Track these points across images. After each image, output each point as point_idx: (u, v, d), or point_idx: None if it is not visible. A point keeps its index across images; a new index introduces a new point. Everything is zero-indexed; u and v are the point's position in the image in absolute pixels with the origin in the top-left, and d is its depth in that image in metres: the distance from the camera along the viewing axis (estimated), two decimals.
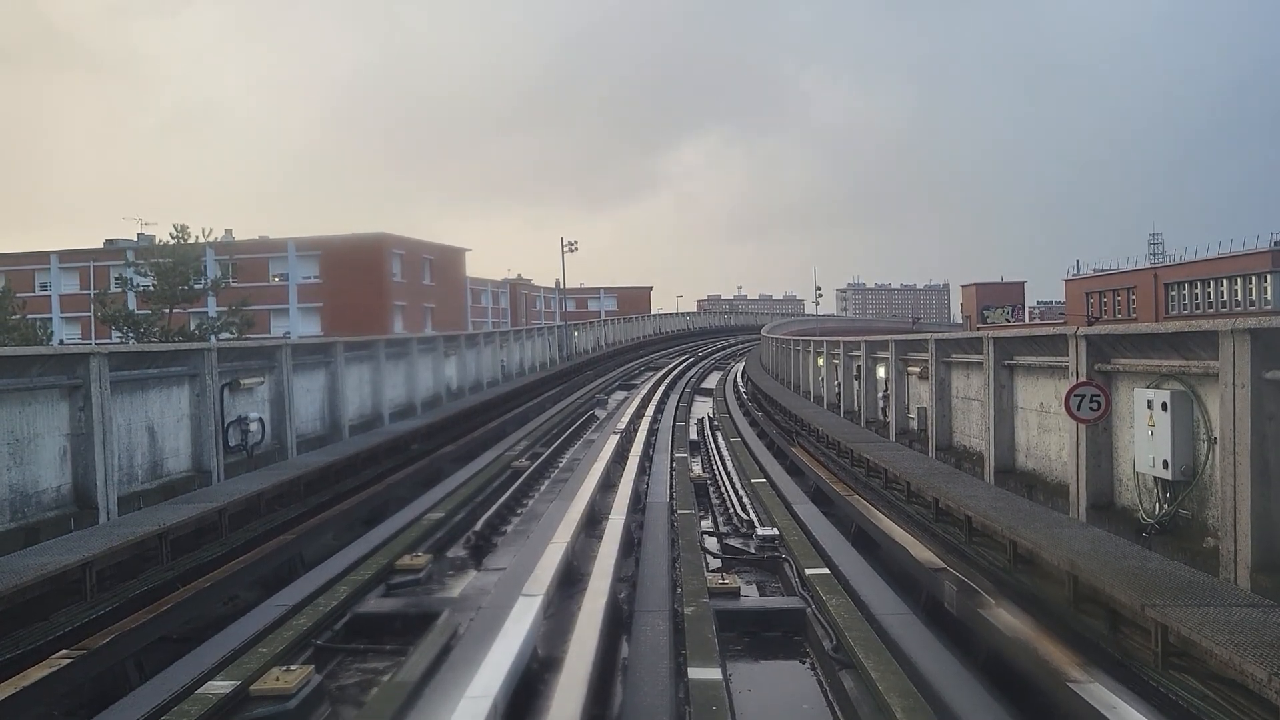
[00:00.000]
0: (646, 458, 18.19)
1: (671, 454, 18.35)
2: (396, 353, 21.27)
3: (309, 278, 67.96)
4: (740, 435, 21.83)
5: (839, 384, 21.42)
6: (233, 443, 13.32)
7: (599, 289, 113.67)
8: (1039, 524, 8.78)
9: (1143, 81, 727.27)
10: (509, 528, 13.32)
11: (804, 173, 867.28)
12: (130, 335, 37.63)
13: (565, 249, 62.61)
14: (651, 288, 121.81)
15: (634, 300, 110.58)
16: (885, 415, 17.11)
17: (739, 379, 39.79)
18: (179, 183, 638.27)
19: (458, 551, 11.89)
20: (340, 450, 15.66)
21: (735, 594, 8.94)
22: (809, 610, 8.36)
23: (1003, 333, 11.33)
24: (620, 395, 35.26)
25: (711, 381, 40.61)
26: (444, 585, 10.38)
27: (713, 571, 9.82)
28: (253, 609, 8.54)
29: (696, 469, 17.26)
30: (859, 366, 19.19)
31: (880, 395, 17.44)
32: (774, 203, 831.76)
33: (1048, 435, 10.21)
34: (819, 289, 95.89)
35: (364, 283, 64.65)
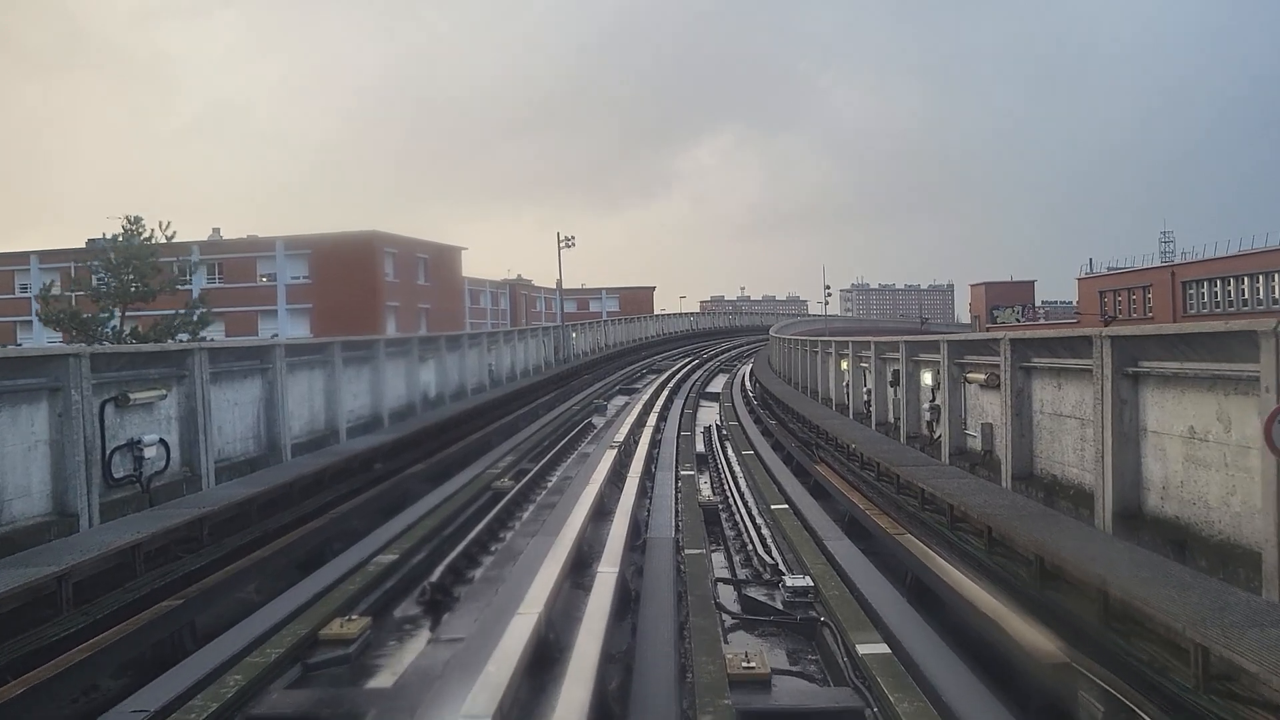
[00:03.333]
0: (648, 475, 16.13)
1: (676, 470, 16.37)
2: (359, 357, 18.42)
3: (298, 277, 65.41)
4: (753, 447, 19.69)
5: (868, 390, 18.66)
6: (119, 474, 10.37)
7: (600, 289, 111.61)
8: (1233, 614, 5.86)
9: (1153, 77, 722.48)
10: (478, 572, 10.95)
11: (810, 173, 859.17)
12: (77, 337, 34.80)
13: (562, 245, 59.91)
14: (654, 288, 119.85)
15: (636, 301, 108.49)
16: (933, 430, 14.32)
17: (746, 382, 37.60)
18: (199, 184, 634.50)
19: (408, 609, 9.59)
20: (273, 477, 12.79)
21: (765, 684, 6.83)
22: (869, 713, 6.27)
23: (1123, 330, 8.44)
24: (620, 400, 33.34)
25: (718, 385, 38.68)
26: (379, 666, 8.00)
27: (732, 645, 7.67)
28: None
29: (705, 490, 15.15)
30: (896, 371, 16.41)
31: (926, 406, 14.65)
32: (779, 203, 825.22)
33: (1203, 472, 7.30)
34: (828, 288, 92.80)
35: (355, 282, 62.25)
